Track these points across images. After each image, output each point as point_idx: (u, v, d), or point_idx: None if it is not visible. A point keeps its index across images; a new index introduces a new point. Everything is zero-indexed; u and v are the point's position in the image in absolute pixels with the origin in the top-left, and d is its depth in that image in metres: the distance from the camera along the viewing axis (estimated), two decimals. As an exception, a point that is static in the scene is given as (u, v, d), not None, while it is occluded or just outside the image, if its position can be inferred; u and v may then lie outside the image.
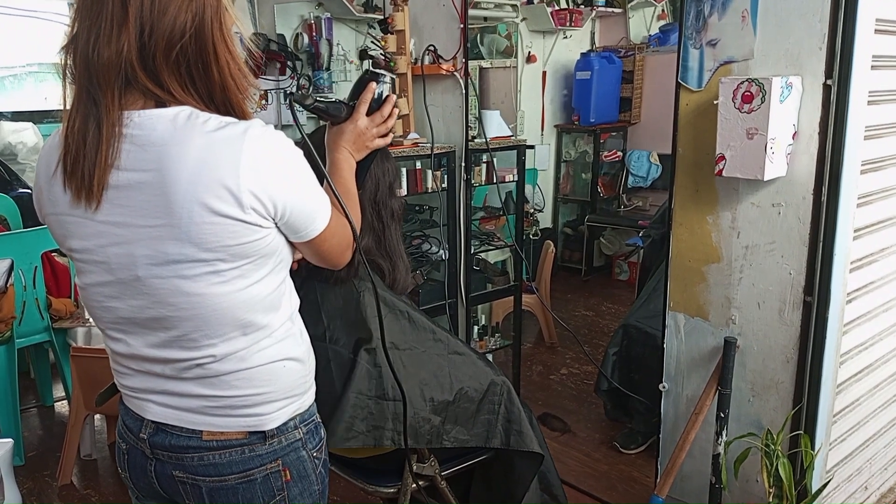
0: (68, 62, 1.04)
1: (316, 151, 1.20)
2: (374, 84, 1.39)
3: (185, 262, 1.03)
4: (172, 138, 1.00)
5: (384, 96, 1.41)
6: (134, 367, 1.16)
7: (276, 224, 1.08)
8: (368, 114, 1.39)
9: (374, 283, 1.43)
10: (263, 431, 1.15)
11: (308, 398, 1.24)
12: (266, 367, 1.14)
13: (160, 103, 1.02)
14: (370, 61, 3.72)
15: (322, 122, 1.46)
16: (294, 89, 1.36)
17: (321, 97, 1.40)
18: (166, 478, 1.18)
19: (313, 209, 1.11)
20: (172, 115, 1.02)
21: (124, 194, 1.02)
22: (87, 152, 1.01)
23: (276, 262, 1.12)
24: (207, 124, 1.01)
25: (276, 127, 1.07)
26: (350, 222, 1.23)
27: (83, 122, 1.02)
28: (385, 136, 1.42)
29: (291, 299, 1.21)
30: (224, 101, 1.06)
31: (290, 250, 1.16)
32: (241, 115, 1.07)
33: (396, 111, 1.43)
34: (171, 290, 1.06)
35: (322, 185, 1.17)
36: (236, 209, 1.01)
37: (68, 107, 1.04)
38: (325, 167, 1.32)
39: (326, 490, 1.29)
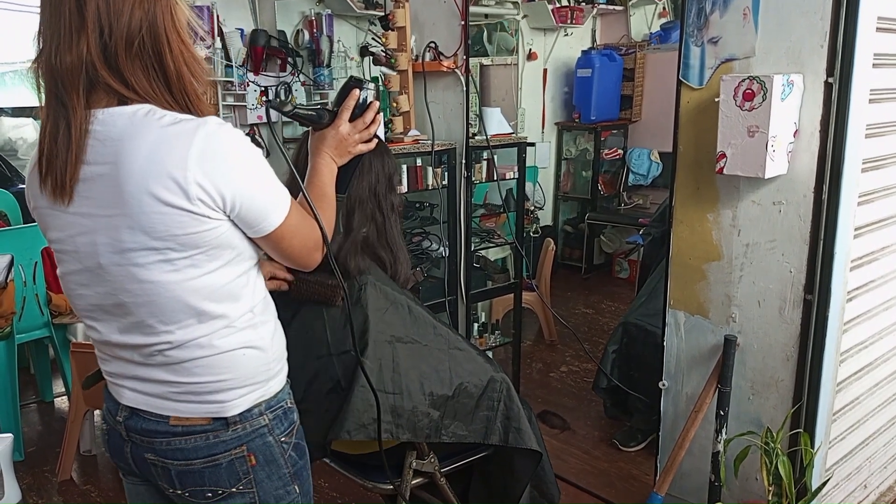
0: (39, 71, 1.10)
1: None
2: (357, 91, 1.42)
3: (138, 251, 1.09)
4: (129, 132, 1.07)
5: (367, 102, 1.43)
6: (108, 353, 1.23)
7: (228, 217, 1.12)
8: (351, 120, 1.43)
9: (345, 293, 1.48)
10: (226, 418, 1.19)
11: (274, 385, 1.26)
12: (226, 355, 1.18)
13: (123, 101, 1.09)
14: (368, 58, 3.72)
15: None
16: (273, 97, 1.40)
17: (301, 105, 1.44)
18: (140, 459, 1.24)
19: (266, 204, 1.15)
20: (132, 111, 1.08)
21: (88, 186, 1.09)
22: (58, 151, 1.08)
23: (232, 254, 1.16)
24: (163, 120, 1.08)
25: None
26: (319, 224, 1.27)
27: (54, 125, 1.09)
28: (368, 141, 1.47)
29: (255, 291, 1.23)
30: (181, 91, 1.12)
31: (252, 246, 1.20)
32: (198, 105, 1.13)
33: (379, 117, 1.47)
34: (127, 276, 1.12)
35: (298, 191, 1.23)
36: (183, 200, 1.06)
37: (41, 114, 1.12)
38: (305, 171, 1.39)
39: (305, 471, 1.33)
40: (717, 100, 1.96)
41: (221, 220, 1.11)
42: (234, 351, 1.19)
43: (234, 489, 1.22)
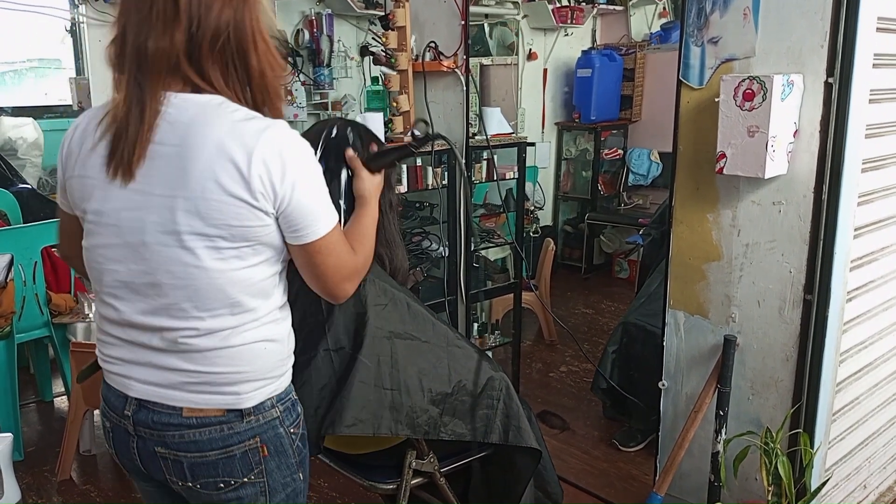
0: (115, 53, 1.14)
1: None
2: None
3: (190, 234, 1.11)
4: (200, 119, 1.11)
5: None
6: (122, 336, 1.22)
7: (276, 216, 1.14)
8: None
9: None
10: (241, 410, 1.21)
11: (285, 379, 1.29)
12: (247, 347, 1.20)
13: (196, 90, 1.13)
14: (368, 58, 3.72)
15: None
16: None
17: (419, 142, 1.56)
18: (148, 454, 1.24)
19: (313, 213, 1.17)
20: (206, 100, 1.13)
21: (150, 165, 1.12)
22: (129, 132, 1.11)
23: (272, 253, 1.19)
24: (236, 114, 1.12)
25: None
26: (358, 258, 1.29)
27: (128, 105, 1.12)
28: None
29: (284, 291, 1.27)
30: (261, 90, 1.17)
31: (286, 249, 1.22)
32: (275, 104, 1.19)
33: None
34: (171, 258, 1.13)
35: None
36: (245, 192, 1.09)
37: (116, 94, 1.15)
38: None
39: (306, 460, 1.35)
40: (717, 100, 1.96)
41: (272, 219, 1.14)
42: (256, 343, 1.21)
43: (245, 479, 1.24)
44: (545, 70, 5.22)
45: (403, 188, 2.96)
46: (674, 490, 2.30)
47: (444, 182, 3.07)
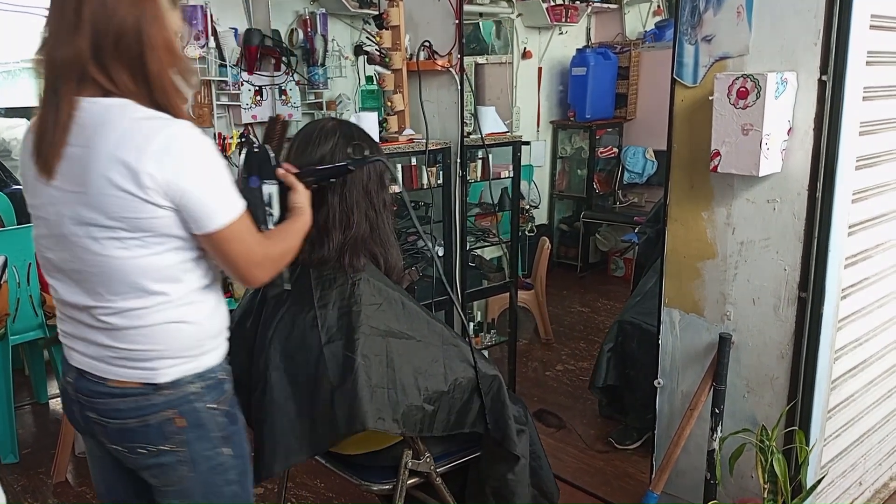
0: (36, 63, 1.26)
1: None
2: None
3: (94, 226, 1.23)
4: (103, 121, 1.21)
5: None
6: (65, 314, 1.37)
7: (176, 210, 1.23)
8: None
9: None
10: (156, 384, 1.31)
11: (208, 360, 1.37)
12: (161, 328, 1.30)
13: (107, 94, 1.23)
14: (362, 57, 3.71)
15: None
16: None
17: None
18: (84, 418, 1.38)
19: (212, 205, 1.25)
20: (110, 103, 1.23)
21: (64, 164, 1.23)
22: (47, 133, 1.23)
23: (178, 242, 1.28)
24: (136, 113, 1.22)
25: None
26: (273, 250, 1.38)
27: (46, 110, 1.24)
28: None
29: (200, 276, 1.34)
30: (161, 90, 1.25)
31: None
32: (175, 104, 1.26)
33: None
34: (83, 247, 1.26)
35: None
36: (136, 188, 1.19)
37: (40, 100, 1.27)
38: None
39: (238, 436, 1.42)
40: (711, 98, 1.96)
41: (168, 212, 1.23)
42: (168, 324, 1.30)
43: (164, 447, 1.34)
44: (540, 69, 5.21)
45: (399, 188, 2.95)
46: (670, 488, 2.31)
47: (439, 181, 3.07)
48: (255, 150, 1.56)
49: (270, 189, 1.53)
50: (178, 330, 1.31)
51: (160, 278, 1.28)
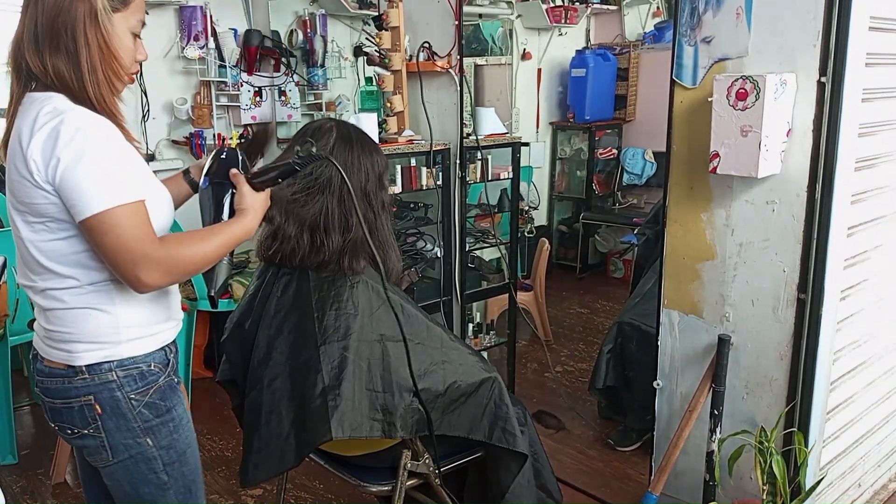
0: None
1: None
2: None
3: (14, 210, 1.33)
4: (26, 111, 1.28)
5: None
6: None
7: (57, 195, 1.26)
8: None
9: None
10: (74, 367, 1.36)
11: (126, 349, 1.38)
12: (72, 311, 1.34)
13: (45, 88, 1.29)
14: (361, 58, 3.71)
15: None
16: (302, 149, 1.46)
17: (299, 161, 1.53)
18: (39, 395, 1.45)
19: (85, 189, 1.23)
20: (39, 97, 1.29)
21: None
22: (5, 126, 1.33)
23: (77, 229, 1.29)
24: (46, 106, 1.26)
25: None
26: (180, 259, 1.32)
27: (8, 104, 1.33)
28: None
29: (104, 265, 1.34)
30: (93, 84, 1.29)
31: None
32: (105, 98, 1.31)
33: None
34: (15, 229, 1.35)
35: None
36: (25, 171, 1.25)
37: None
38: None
39: (164, 428, 1.42)
40: (710, 99, 1.96)
41: (54, 197, 1.26)
42: (79, 309, 1.34)
43: (85, 431, 1.38)
44: (539, 70, 5.22)
45: (398, 189, 2.96)
46: (669, 489, 2.31)
47: (439, 182, 3.07)
48: (223, 154, 1.53)
49: (223, 191, 1.48)
50: (87, 315, 1.34)
51: (68, 263, 1.32)
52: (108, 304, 1.35)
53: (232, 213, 1.47)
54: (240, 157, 1.52)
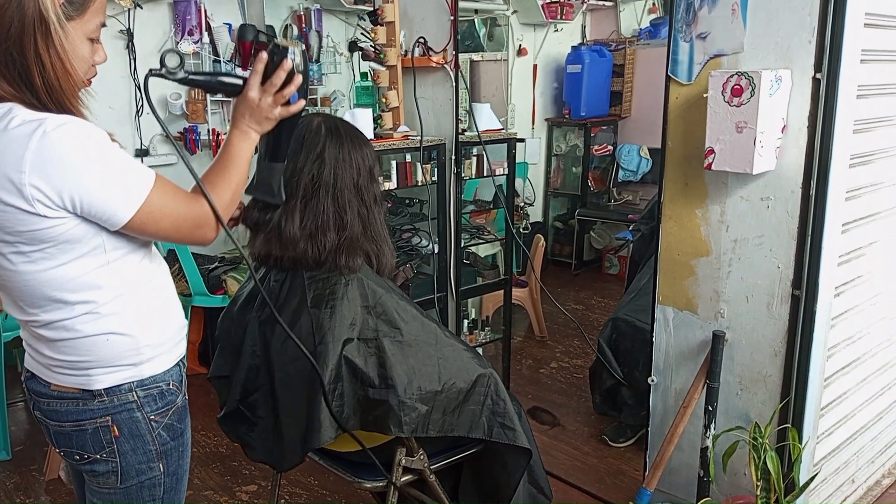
0: None
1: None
2: (263, 54, 1.36)
3: None
4: None
5: (277, 63, 1.37)
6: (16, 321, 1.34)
7: (75, 215, 1.16)
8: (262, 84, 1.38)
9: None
10: (91, 391, 1.28)
11: (149, 368, 1.32)
12: (88, 339, 1.26)
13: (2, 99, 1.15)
14: (357, 53, 3.70)
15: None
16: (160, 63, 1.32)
17: (201, 71, 1.36)
18: (35, 416, 1.37)
19: (110, 199, 1.17)
20: None
21: None
22: None
23: (86, 248, 1.21)
24: (12, 122, 1.12)
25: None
26: (209, 201, 1.28)
27: None
28: (288, 103, 1.40)
29: (125, 280, 1.28)
30: (48, 89, 1.15)
31: (117, 238, 1.24)
32: (68, 103, 1.17)
33: (297, 79, 1.39)
34: None
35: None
36: (21, 201, 1.12)
37: None
38: None
39: (175, 453, 1.38)
40: (705, 95, 1.96)
41: (65, 219, 1.16)
42: (96, 336, 1.26)
43: (97, 456, 1.31)
44: (535, 66, 5.21)
45: (393, 184, 2.95)
46: (663, 485, 2.31)
47: (434, 178, 3.06)
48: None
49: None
50: (106, 340, 1.26)
51: (76, 287, 1.22)
52: (127, 325, 1.28)
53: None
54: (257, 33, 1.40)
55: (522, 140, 4.27)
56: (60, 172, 1.12)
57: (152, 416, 1.33)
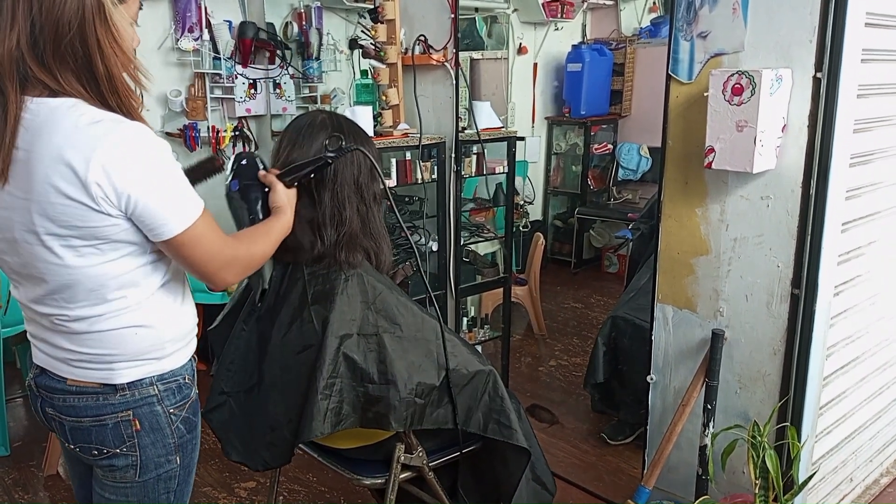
0: None
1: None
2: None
3: (46, 234, 1.18)
4: (48, 123, 1.14)
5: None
6: (27, 314, 1.34)
7: (128, 218, 1.19)
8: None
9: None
10: (114, 385, 1.29)
11: (168, 363, 1.34)
12: (117, 332, 1.27)
13: (54, 94, 1.16)
14: (357, 51, 3.71)
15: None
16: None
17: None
18: (44, 413, 1.37)
19: (164, 212, 1.19)
20: (58, 103, 1.15)
21: (13, 168, 1.17)
22: (1, 136, 1.16)
23: (132, 248, 1.23)
24: (82, 117, 1.14)
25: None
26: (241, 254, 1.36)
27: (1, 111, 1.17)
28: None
29: (158, 278, 1.31)
30: (112, 93, 1.18)
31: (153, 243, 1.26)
32: (129, 108, 1.20)
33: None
34: (35, 255, 1.21)
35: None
36: (85, 196, 1.14)
37: None
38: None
39: (190, 445, 1.40)
40: (705, 94, 1.96)
41: (120, 219, 1.18)
42: (124, 329, 1.27)
43: (117, 450, 1.31)
44: (535, 64, 5.21)
45: (393, 182, 2.95)
46: (662, 483, 2.31)
47: (434, 176, 3.06)
48: (243, 160, 1.58)
49: (255, 192, 1.55)
50: (134, 334, 1.28)
51: (118, 285, 1.25)
52: (154, 319, 1.30)
53: (266, 212, 1.55)
54: (258, 161, 1.58)
55: (522, 138, 4.25)
56: (126, 175, 1.14)
57: (171, 410, 1.34)
